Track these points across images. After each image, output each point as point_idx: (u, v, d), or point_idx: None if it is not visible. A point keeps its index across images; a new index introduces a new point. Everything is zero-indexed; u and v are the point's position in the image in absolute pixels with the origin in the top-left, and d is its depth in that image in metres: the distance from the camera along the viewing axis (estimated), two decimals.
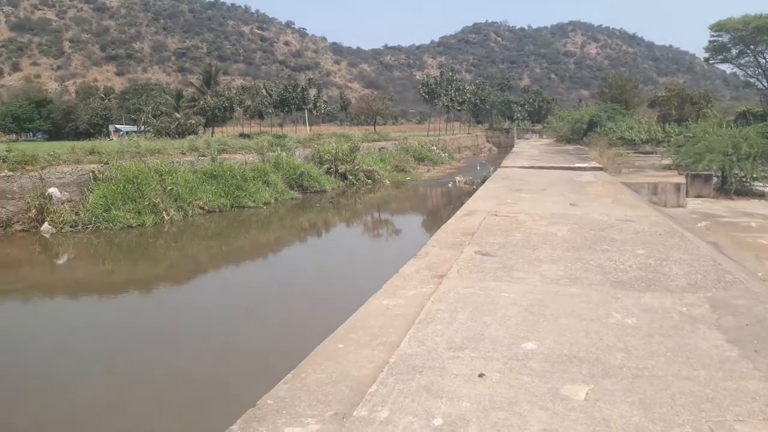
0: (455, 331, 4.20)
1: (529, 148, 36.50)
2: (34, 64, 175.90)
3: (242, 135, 42.38)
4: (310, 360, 3.89)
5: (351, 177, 27.54)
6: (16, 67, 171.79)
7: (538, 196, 12.43)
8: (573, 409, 3.03)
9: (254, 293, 11.15)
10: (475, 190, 16.25)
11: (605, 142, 28.81)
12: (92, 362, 7.64)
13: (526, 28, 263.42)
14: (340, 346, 4.11)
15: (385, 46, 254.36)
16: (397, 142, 40.16)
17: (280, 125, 74.61)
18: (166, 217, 17.38)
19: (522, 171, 19.20)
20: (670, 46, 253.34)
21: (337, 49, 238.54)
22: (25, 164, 16.73)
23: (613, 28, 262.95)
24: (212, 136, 43.43)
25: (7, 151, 17.22)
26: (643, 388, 3.27)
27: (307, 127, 68.01)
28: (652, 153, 25.92)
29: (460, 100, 66.32)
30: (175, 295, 11.65)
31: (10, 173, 16.19)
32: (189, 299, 11.18)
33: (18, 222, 15.95)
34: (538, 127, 75.59)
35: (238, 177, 21.07)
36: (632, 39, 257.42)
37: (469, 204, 11.51)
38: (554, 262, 6.28)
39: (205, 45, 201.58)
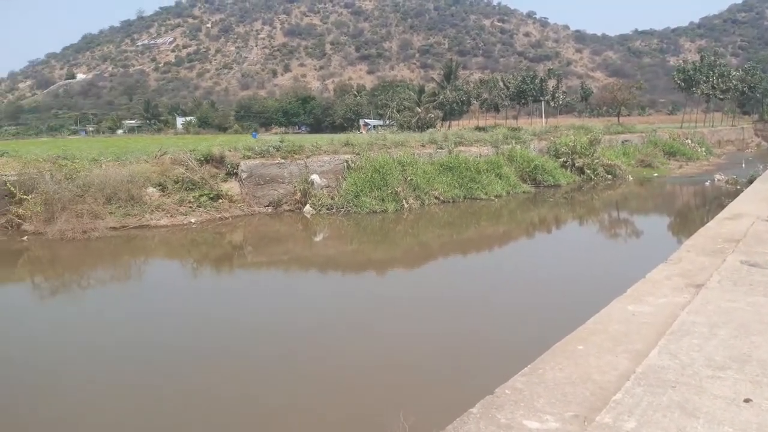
0: (715, 348, 3.78)
1: None
2: (301, 65, 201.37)
3: (477, 128, 43.08)
4: (548, 357, 3.87)
5: (589, 171, 26.07)
6: (287, 68, 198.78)
7: None
8: None
9: (482, 282, 11.36)
10: (739, 191, 14.25)
11: None
12: (352, 325, 8.79)
13: None
14: (580, 347, 4.00)
15: (635, 31, 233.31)
16: (643, 135, 36.82)
17: (515, 117, 73.94)
18: (406, 205, 18.59)
19: None
20: None
21: (580, 37, 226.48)
22: (293, 153, 19.39)
23: None
24: (449, 129, 45.00)
25: (280, 141, 20.18)
26: None
27: (543, 119, 66.19)
28: None
29: (724, 88, 58.08)
30: (409, 277, 12.41)
31: (282, 161, 18.90)
32: (421, 282, 11.81)
33: (286, 203, 18.58)
34: None
35: (472, 169, 21.51)
36: None
37: (733, 206, 10.19)
38: None
39: (447, 41, 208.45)
